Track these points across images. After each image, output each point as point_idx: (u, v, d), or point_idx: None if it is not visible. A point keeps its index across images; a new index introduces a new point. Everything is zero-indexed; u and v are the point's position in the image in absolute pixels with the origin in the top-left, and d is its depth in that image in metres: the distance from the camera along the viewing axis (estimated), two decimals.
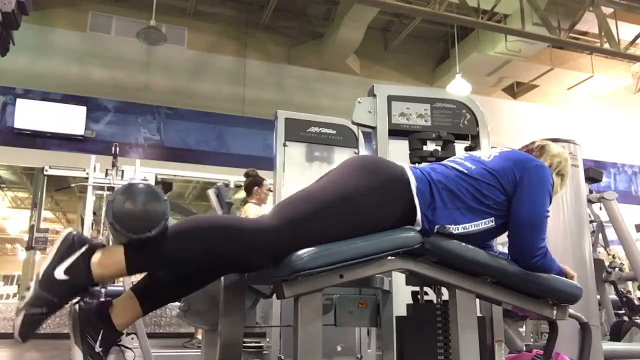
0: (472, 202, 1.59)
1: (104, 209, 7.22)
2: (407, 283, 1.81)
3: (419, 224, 1.54)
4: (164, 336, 7.17)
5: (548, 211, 1.63)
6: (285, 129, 3.24)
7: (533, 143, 1.88)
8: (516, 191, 1.61)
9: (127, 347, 1.67)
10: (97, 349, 1.40)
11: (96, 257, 1.39)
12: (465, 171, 1.63)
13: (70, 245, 1.39)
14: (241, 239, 1.43)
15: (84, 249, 1.39)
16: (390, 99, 2.15)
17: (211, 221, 1.51)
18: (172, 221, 1.41)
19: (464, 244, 1.57)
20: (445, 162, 1.72)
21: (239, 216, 4.16)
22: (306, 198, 1.51)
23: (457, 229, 1.56)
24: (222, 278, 1.73)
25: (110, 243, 1.46)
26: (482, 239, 1.64)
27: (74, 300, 1.41)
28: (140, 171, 7.12)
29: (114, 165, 6.74)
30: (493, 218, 1.61)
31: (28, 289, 1.35)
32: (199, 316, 2.25)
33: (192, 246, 1.43)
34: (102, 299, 1.54)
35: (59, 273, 1.35)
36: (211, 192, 4.82)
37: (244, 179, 4.80)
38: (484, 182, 1.60)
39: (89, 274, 1.37)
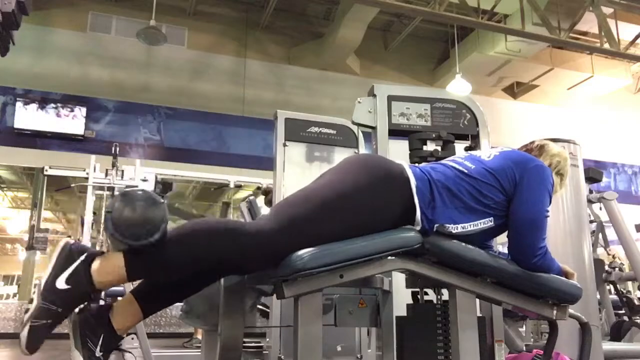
0: (471, 201, 1.58)
1: (103, 210, 7.22)
2: (407, 286, 1.81)
3: (418, 223, 1.54)
4: (164, 336, 7.17)
5: (548, 211, 1.63)
6: (285, 129, 3.24)
7: (532, 143, 1.88)
8: (516, 191, 1.61)
9: (127, 351, 1.67)
10: (98, 353, 1.40)
11: (96, 265, 1.39)
12: (465, 171, 1.62)
13: (68, 254, 1.39)
14: (240, 241, 1.43)
15: (83, 257, 1.38)
16: (390, 99, 2.15)
17: (210, 225, 1.50)
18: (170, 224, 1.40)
19: (463, 244, 1.57)
20: (445, 161, 1.72)
21: (238, 220, 4.15)
22: (304, 198, 1.51)
23: (457, 229, 1.56)
24: (222, 279, 1.73)
25: (110, 246, 1.46)
26: (482, 239, 1.64)
27: (78, 309, 1.41)
28: (140, 171, 7.12)
29: (114, 165, 6.73)
30: (492, 218, 1.61)
31: (31, 301, 1.35)
32: (200, 317, 2.25)
33: (192, 250, 1.43)
34: (102, 303, 1.53)
35: (61, 283, 1.35)
36: (243, 206, 4.75)
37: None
38: (483, 182, 1.60)
39: (90, 282, 1.37)
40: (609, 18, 7.97)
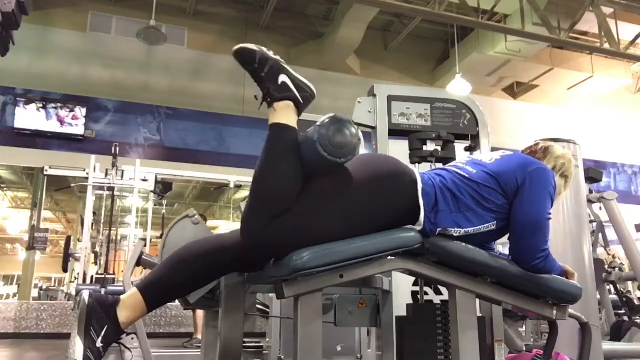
0: (474, 205, 1.59)
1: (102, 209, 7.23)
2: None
3: (420, 224, 1.54)
4: (164, 336, 7.17)
5: (550, 213, 1.63)
6: None
7: (537, 145, 1.88)
8: (517, 194, 1.61)
9: (127, 347, 1.67)
10: (99, 344, 1.42)
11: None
12: (467, 175, 1.63)
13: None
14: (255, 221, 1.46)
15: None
16: (390, 99, 2.15)
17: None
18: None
19: (464, 244, 1.57)
20: (447, 166, 1.73)
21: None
22: (307, 192, 1.51)
23: (459, 232, 1.57)
24: (223, 278, 1.74)
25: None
26: (484, 241, 1.65)
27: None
28: (140, 171, 7.13)
29: (114, 165, 6.74)
30: (495, 221, 1.61)
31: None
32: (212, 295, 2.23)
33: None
34: (110, 295, 1.56)
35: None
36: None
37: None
38: (485, 186, 1.61)
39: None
40: (609, 18, 7.97)
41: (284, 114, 1.51)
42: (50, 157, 8.11)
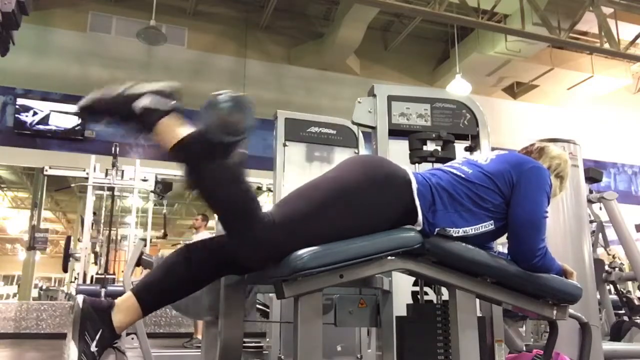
0: (471, 205, 1.59)
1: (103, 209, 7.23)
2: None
3: (419, 224, 1.54)
4: (164, 336, 7.17)
5: (546, 212, 1.63)
6: (285, 129, 3.24)
7: (533, 145, 1.88)
8: (513, 193, 1.62)
9: (122, 352, 1.67)
10: (93, 348, 1.41)
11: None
12: (463, 175, 1.63)
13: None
14: (241, 236, 1.45)
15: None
16: (390, 99, 2.15)
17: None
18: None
19: (463, 244, 1.57)
20: (443, 167, 1.73)
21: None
22: (305, 194, 1.52)
23: (457, 232, 1.57)
24: (223, 278, 1.73)
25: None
26: (483, 241, 1.65)
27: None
28: (140, 171, 7.13)
29: (114, 165, 6.74)
30: (493, 221, 1.61)
31: None
32: (209, 308, 2.23)
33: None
34: (104, 299, 1.55)
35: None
36: None
37: None
38: (481, 186, 1.61)
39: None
40: (609, 18, 7.97)
41: (171, 130, 1.47)
42: (50, 157, 8.11)
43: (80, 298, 1.45)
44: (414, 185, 1.56)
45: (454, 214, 1.57)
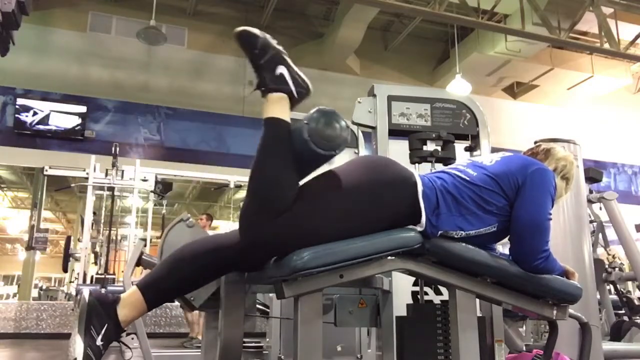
0: (475, 208, 1.59)
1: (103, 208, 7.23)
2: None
3: (422, 225, 1.54)
4: (164, 336, 7.17)
5: (550, 214, 1.63)
6: None
7: (539, 146, 1.87)
8: (518, 195, 1.61)
9: (127, 346, 1.67)
10: (99, 342, 1.42)
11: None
12: (467, 178, 1.63)
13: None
14: (254, 219, 1.46)
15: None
16: (390, 99, 2.15)
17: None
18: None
19: (464, 244, 1.57)
20: (447, 169, 1.72)
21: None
22: (308, 193, 1.51)
23: (460, 234, 1.57)
24: (223, 278, 1.74)
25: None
26: (485, 242, 1.65)
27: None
28: (140, 171, 7.13)
29: (114, 165, 6.74)
30: (496, 223, 1.61)
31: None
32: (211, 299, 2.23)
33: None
34: (110, 294, 1.56)
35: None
36: None
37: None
38: (485, 188, 1.61)
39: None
40: (609, 18, 7.97)
41: (277, 107, 1.51)
42: (50, 157, 8.11)
43: (86, 291, 1.46)
44: (420, 188, 1.55)
45: (458, 217, 1.57)
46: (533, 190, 1.61)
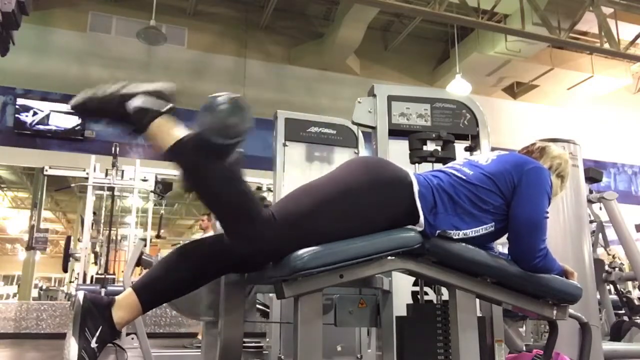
0: (471, 207, 1.59)
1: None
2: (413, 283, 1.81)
3: (421, 225, 1.54)
4: (164, 336, 7.17)
5: (547, 212, 1.63)
6: (285, 129, 3.24)
7: (534, 145, 1.88)
8: (514, 194, 1.62)
9: (122, 348, 1.67)
10: (93, 344, 1.41)
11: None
12: (464, 177, 1.63)
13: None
14: (241, 236, 1.44)
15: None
16: (390, 99, 2.16)
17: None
18: None
19: (463, 244, 1.57)
20: (444, 168, 1.73)
21: None
22: (305, 194, 1.52)
23: (458, 234, 1.57)
24: (222, 277, 1.73)
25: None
26: (482, 242, 1.65)
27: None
28: (140, 171, 7.13)
29: (114, 165, 6.73)
30: (493, 223, 1.62)
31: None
32: (210, 308, 2.24)
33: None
34: (105, 296, 1.55)
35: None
36: None
37: None
38: (482, 187, 1.61)
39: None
40: (609, 18, 7.97)
41: (164, 131, 1.45)
42: (50, 157, 8.10)
43: (80, 294, 1.45)
44: (415, 187, 1.55)
45: (455, 216, 1.57)
46: (529, 189, 1.62)
